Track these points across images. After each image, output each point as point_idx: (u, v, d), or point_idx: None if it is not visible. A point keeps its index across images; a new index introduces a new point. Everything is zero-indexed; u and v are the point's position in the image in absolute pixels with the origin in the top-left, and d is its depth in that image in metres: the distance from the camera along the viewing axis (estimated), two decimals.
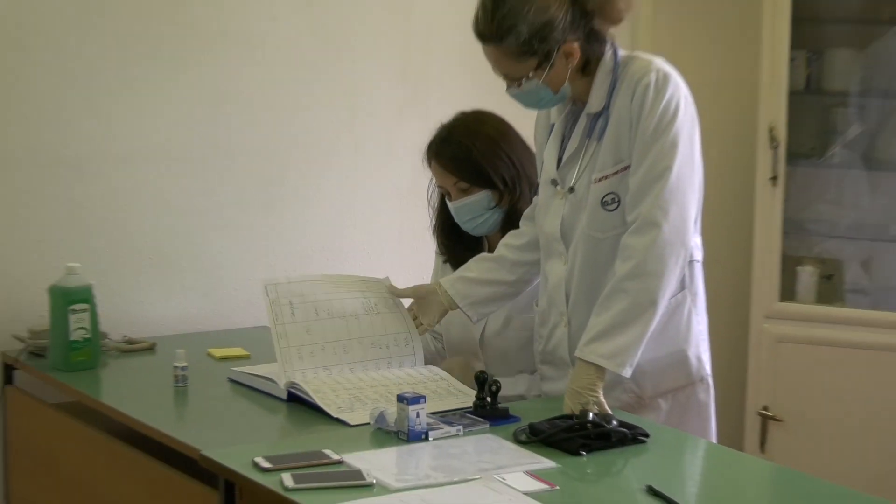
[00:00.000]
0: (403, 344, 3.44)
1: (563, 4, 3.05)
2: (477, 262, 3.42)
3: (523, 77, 3.08)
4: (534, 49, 3.04)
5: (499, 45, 3.06)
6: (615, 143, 3.12)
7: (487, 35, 3.07)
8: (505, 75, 3.12)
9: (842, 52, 5.01)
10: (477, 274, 3.39)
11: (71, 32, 3.93)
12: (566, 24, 3.05)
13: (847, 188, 5.07)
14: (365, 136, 4.41)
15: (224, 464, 2.78)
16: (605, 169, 3.13)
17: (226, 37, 4.15)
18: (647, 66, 3.11)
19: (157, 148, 4.09)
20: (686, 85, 3.14)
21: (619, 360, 3.03)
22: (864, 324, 4.84)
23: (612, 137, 3.12)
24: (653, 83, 3.08)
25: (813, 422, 4.87)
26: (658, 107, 3.06)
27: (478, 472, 2.70)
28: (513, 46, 3.04)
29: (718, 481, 2.90)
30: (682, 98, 3.09)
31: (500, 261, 3.40)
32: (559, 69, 3.08)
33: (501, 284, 3.39)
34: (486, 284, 3.38)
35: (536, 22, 3.02)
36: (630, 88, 3.10)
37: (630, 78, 3.11)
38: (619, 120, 3.11)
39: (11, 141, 3.89)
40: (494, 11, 3.04)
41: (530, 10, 3.02)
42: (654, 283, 3.04)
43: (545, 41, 3.04)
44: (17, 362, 3.78)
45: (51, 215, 3.96)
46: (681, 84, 3.12)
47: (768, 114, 4.84)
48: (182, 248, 4.15)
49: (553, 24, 3.03)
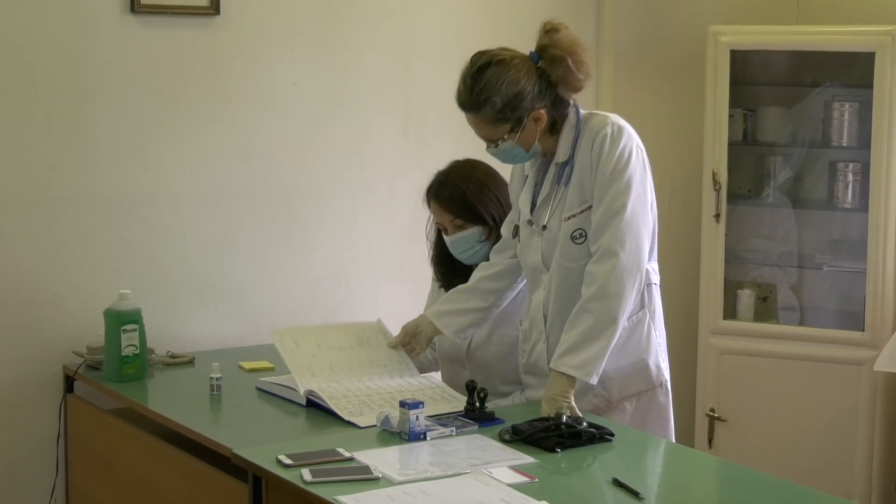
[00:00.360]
0: (398, 363, 3.43)
1: (531, 77, 3.06)
2: (455, 293, 3.41)
3: (499, 139, 3.10)
4: (507, 117, 3.05)
5: (477, 113, 3.08)
6: (580, 187, 3.12)
7: (467, 105, 3.09)
8: (484, 138, 3.14)
9: (773, 109, 5.01)
10: (457, 305, 3.38)
11: (126, 93, 3.91)
12: (534, 94, 3.06)
13: (779, 223, 5.06)
14: (372, 180, 4.39)
15: (252, 461, 2.77)
16: (572, 209, 3.13)
17: (254, 98, 4.14)
18: (605, 121, 3.12)
19: (195, 190, 4.07)
20: (638, 136, 3.15)
21: (586, 370, 3.02)
22: (794, 338, 4.82)
23: (577, 182, 3.13)
24: (609, 135, 3.09)
25: (752, 422, 4.84)
26: (614, 154, 3.07)
27: (468, 467, 2.68)
28: (489, 115, 3.06)
29: (673, 474, 2.89)
30: (634, 147, 3.10)
31: (474, 291, 3.38)
32: (530, 132, 3.09)
33: (477, 311, 3.38)
34: (464, 313, 3.37)
35: (509, 93, 3.03)
36: (590, 140, 3.11)
37: (590, 131, 3.12)
38: (582, 167, 3.12)
39: (73, 184, 3.87)
40: (473, 85, 3.06)
41: (503, 84, 3.03)
42: (615, 303, 3.04)
43: (516, 109, 3.05)
44: (77, 374, 3.75)
45: (105, 249, 3.93)
46: (633, 135, 3.13)
47: (712, 161, 4.83)
48: (216, 276, 4.12)
49: (523, 95, 3.04)
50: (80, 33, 3.83)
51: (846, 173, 4.86)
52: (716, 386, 4.87)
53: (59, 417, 3.86)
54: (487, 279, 3.37)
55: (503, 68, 3.04)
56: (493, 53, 3.08)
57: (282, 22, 4.16)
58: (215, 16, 4.03)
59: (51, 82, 3.81)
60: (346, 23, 4.29)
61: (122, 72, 3.90)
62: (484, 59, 3.07)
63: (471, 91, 3.06)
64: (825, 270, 4.97)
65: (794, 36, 4.87)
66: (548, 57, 3.07)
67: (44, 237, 3.84)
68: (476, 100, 3.05)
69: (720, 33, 4.78)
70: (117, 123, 3.91)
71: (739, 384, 4.85)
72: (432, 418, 2.98)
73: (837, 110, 4.86)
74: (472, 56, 3.11)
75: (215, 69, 4.06)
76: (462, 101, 3.10)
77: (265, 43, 4.14)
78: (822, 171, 4.96)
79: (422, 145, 4.44)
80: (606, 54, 4.88)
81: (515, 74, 3.04)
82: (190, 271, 4.08)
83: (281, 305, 4.24)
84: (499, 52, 3.09)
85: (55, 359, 3.86)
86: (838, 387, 4.70)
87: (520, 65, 3.06)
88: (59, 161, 3.84)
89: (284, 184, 4.23)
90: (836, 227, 5.02)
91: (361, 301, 4.37)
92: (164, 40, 3.96)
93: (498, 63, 3.05)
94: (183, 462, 3.19)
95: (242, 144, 4.14)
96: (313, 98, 4.25)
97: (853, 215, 4.87)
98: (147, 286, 3.97)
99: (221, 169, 4.11)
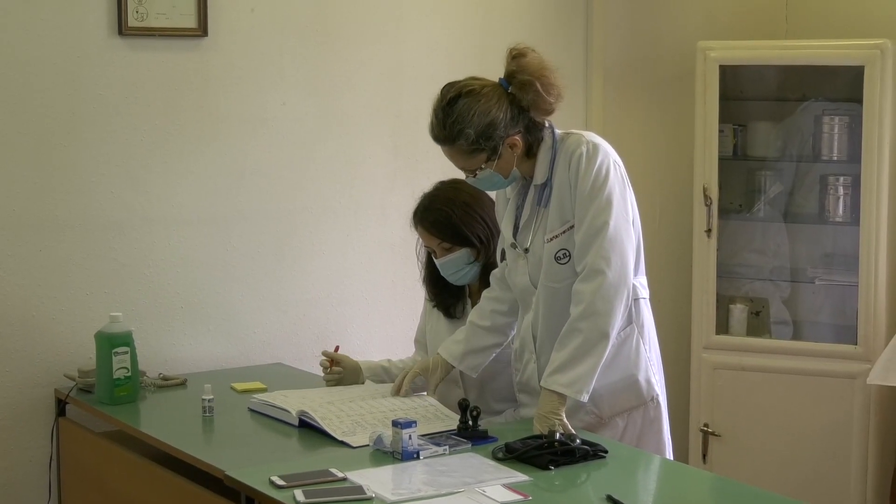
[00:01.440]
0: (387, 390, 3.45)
1: (502, 105, 3.07)
2: (472, 330, 3.37)
3: (477, 169, 3.11)
4: (482, 147, 3.06)
5: (452, 146, 3.09)
6: (560, 207, 3.13)
7: (441, 138, 3.11)
8: (462, 168, 3.15)
9: (762, 124, 5.02)
10: (476, 344, 3.36)
11: (115, 115, 3.92)
12: (507, 121, 3.07)
13: (770, 238, 5.07)
14: (362, 201, 4.39)
15: (245, 482, 2.77)
16: (554, 230, 3.14)
17: (243, 119, 4.15)
18: (580, 140, 3.13)
19: (186, 213, 4.07)
20: (615, 152, 3.15)
21: (576, 387, 3.03)
22: (787, 352, 4.83)
23: (557, 203, 3.14)
24: (584, 153, 3.09)
25: (746, 436, 4.85)
26: (591, 172, 3.08)
27: (462, 485, 2.68)
28: (464, 147, 3.07)
29: (668, 490, 2.89)
30: (611, 163, 3.11)
31: (494, 329, 3.36)
32: (507, 158, 3.10)
33: (496, 347, 3.38)
34: (484, 351, 3.37)
35: (481, 124, 3.04)
36: (566, 160, 3.12)
37: (566, 151, 3.13)
38: (560, 187, 3.13)
39: (63, 207, 3.87)
40: (445, 119, 3.07)
41: (475, 115, 3.04)
42: (604, 320, 3.04)
43: (490, 139, 3.06)
44: (69, 397, 3.75)
45: (96, 272, 3.93)
46: (609, 151, 3.14)
47: (702, 176, 4.84)
48: (208, 297, 4.12)
49: (495, 124, 3.05)
50: (67, 56, 3.83)
51: (837, 187, 4.87)
52: (709, 401, 4.88)
53: (52, 441, 3.85)
54: (502, 315, 3.36)
55: (473, 99, 3.05)
56: (463, 84, 3.09)
57: (270, 43, 4.17)
58: (203, 38, 4.04)
59: (40, 106, 3.81)
60: (336, 43, 4.30)
61: (110, 94, 3.91)
62: (454, 91, 3.07)
63: (443, 125, 3.07)
64: (817, 284, 4.98)
65: (783, 50, 4.89)
66: (516, 83, 3.07)
67: (35, 260, 3.84)
68: (449, 133, 3.06)
69: (709, 49, 4.80)
70: (106, 146, 3.92)
71: (733, 399, 4.85)
72: (425, 437, 2.98)
73: (827, 124, 4.87)
74: (442, 88, 3.11)
75: (204, 91, 4.07)
76: (436, 135, 3.11)
77: (254, 64, 4.15)
78: (813, 185, 4.98)
79: (412, 165, 4.44)
80: (595, 71, 4.89)
81: (486, 104, 3.05)
82: (181, 293, 4.08)
83: (273, 327, 4.24)
84: (468, 82, 3.10)
85: (47, 382, 3.85)
86: (832, 400, 4.71)
87: (490, 93, 3.06)
88: (50, 184, 3.84)
89: (275, 205, 4.23)
90: (827, 241, 5.02)
91: (353, 322, 4.37)
92: (152, 63, 3.97)
93: (468, 94, 3.06)
94: (175, 484, 3.18)
95: (232, 166, 4.14)
96: (303, 119, 4.26)
97: (844, 229, 4.88)
98: (138, 309, 3.97)
99: (212, 190, 4.11)
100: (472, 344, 3.36)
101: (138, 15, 3.91)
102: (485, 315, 3.37)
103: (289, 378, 3.85)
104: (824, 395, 4.72)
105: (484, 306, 3.38)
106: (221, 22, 4.07)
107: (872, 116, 4.59)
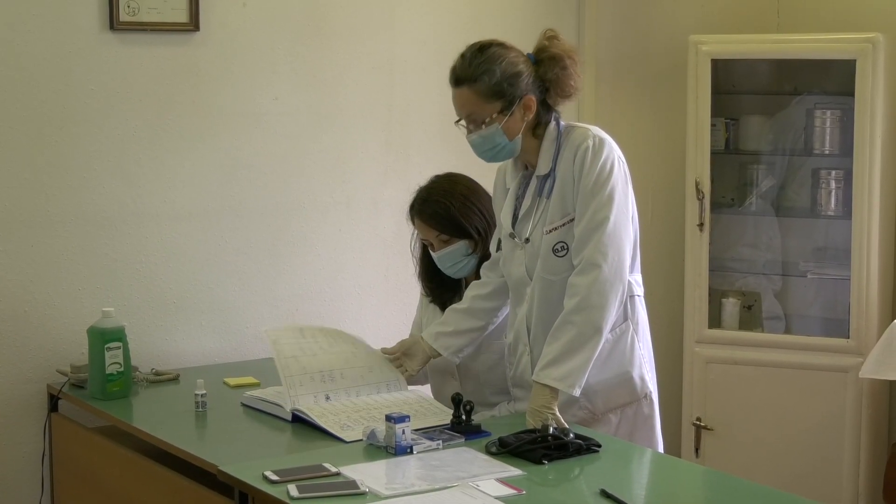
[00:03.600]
0: (387, 369, 3.43)
1: (528, 68, 3.11)
2: (451, 314, 3.41)
3: (486, 118, 3.09)
4: (503, 91, 3.07)
5: (472, 85, 3.08)
6: (561, 200, 3.13)
7: (463, 77, 3.10)
8: (468, 116, 3.12)
9: (754, 118, 5.03)
10: (454, 327, 3.38)
11: (105, 114, 3.91)
12: (530, 82, 3.09)
13: (762, 232, 5.08)
14: (354, 195, 4.39)
15: (238, 477, 2.76)
16: (554, 222, 3.14)
17: (235, 114, 4.14)
18: (586, 133, 3.14)
19: (178, 208, 4.07)
20: (619, 148, 3.16)
21: (569, 381, 3.03)
22: (779, 346, 4.83)
23: (559, 195, 3.13)
24: (591, 147, 3.09)
25: (739, 430, 4.85)
26: (595, 167, 3.08)
27: (455, 480, 2.69)
28: (484, 86, 3.07)
29: (661, 484, 2.89)
30: (615, 159, 3.11)
31: (471, 312, 3.39)
32: (517, 119, 3.10)
33: (474, 331, 3.40)
34: (461, 334, 3.38)
35: (508, 70, 3.08)
36: (572, 152, 3.12)
37: (571, 143, 3.13)
38: (563, 179, 3.13)
39: (55, 205, 3.86)
40: (472, 59, 3.09)
41: (504, 62, 3.08)
42: (598, 314, 3.05)
43: (512, 86, 3.07)
44: (62, 393, 3.74)
45: (88, 267, 3.93)
46: (614, 147, 3.14)
47: (695, 170, 4.85)
48: (200, 292, 4.12)
49: (521, 76, 3.09)
50: (59, 52, 3.83)
51: (829, 181, 4.88)
52: (702, 395, 4.88)
53: (44, 436, 3.85)
54: (482, 299, 3.38)
55: (505, 50, 3.10)
56: (495, 39, 3.14)
57: (262, 37, 4.17)
58: (195, 32, 4.03)
59: (31, 101, 3.81)
60: (328, 38, 4.30)
61: (102, 90, 3.91)
62: (487, 41, 3.12)
63: (469, 63, 3.08)
64: (809, 278, 4.99)
65: (775, 44, 4.89)
66: (546, 57, 3.11)
67: (27, 256, 3.84)
68: (475, 71, 3.07)
69: (701, 43, 4.80)
70: (98, 141, 3.91)
71: (725, 393, 4.86)
72: (419, 432, 2.98)
73: (819, 118, 4.88)
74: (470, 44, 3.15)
75: (196, 86, 4.07)
76: (457, 75, 3.10)
77: (246, 59, 4.15)
78: (805, 179, 4.98)
79: (404, 159, 4.45)
80: (587, 65, 4.89)
81: (516, 58, 3.10)
82: (174, 288, 4.08)
83: (265, 321, 4.23)
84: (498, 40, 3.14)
85: (39, 378, 3.85)
86: (824, 394, 4.72)
87: (520, 54, 3.12)
88: (41, 180, 3.84)
89: (267, 199, 4.23)
90: (819, 235, 5.03)
91: (346, 316, 4.37)
92: (144, 58, 3.96)
93: (500, 45, 3.11)
94: (169, 479, 3.18)
95: (225, 160, 4.14)
96: (295, 114, 4.26)
97: (836, 223, 4.89)
98: (131, 304, 3.97)
99: (204, 185, 4.11)
100: (447, 325, 3.38)
101: (130, 10, 3.91)
102: (465, 298, 3.40)
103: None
104: (816, 389, 4.73)
105: (466, 292, 3.41)
106: (213, 16, 4.06)
107: (864, 110, 4.60)
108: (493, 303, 3.38)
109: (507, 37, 3.24)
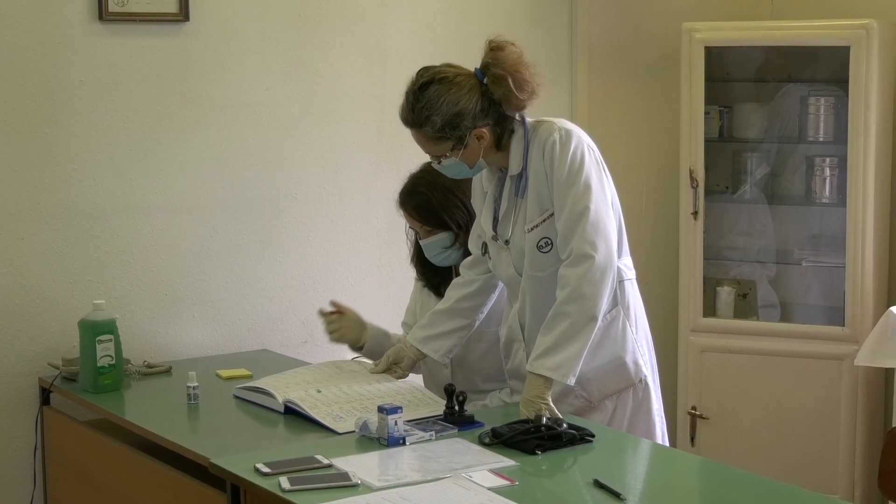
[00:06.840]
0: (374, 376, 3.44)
1: (473, 95, 3.08)
2: (436, 315, 3.40)
3: (442, 156, 3.12)
4: (447, 135, 3.08)
5: (418, 130, 3.11)
6: (537, 197, 3.14)
7: (409, 122, 3.12)
8: (428, 153, 3.17)
9: (748, 106, 5.02)
10: (440, 328, 3.38)
11: (95, 106, 3.90)
12: (476, 112, 3.08)
13: (757, 220, 5.08)
14: (347, 186, 4.38)
15: (230, 470, 2.76)
16: (533, 219, 3.15)
17: (226, 105, 4.13)
18: (552, 127, 3.13)
19: (170, 200, 4.05)
20: (588, 137, 3.16)
21: (562, 371, 3.03)
22: (774, 334, 4.83)
23: (534, 192, 3.14)
24: (558, 140, 3.10)
25: (734, 419, 4.85)
26: (566, 159, 3.08)
27: (448, 471, 2.68)
28: (430, 133, 3.08)
29: (655, 474, 2.89)
30: (585, 148, 3.11)
31: (455, 311, 3.38)
32: (473, 149, 3.11)
33: (461, 330, 3.39)
34: (449, 335, 3.38)
35: (449, 113, 3.05)
36: (540, 148, 3.12)
37: (539, 139, 3.13)
38: (536, 177, 3.13)
39: (46, 197, 3.85)
40: (415, 103, 3.08)
41: (444, 103, 3.05)
42: (591, 303, 3.05)
43: (457, 128, 3.06)
44: (53, 386, 3.73)
45: (79, 259, 3.92)
46: (583, 136, 3.14)
47: (688, 158, 4.84)
48: (192, 285, 4.11)
49: (463, 114, 3.06)
50: (47, 42, 3.81)
51: (823, 168, 4.87)
52: (697, 384, 4.88)
53: (36, 430, 3.84)
54: (465, 298, 3.38)
55: (445, 86, 3.06)
56: (437, 70, 3.10)
57: (252, 27, 4.15)
58: (185, 22, 4.01)
59: (19, 92, 3.79)
60: (319, 28, 4.28)
61: (91, 81, 3.89)
62: (427, 76, 3.09)
63: (412, 108, 3.08)
64: (804, 266, 4.98)
65: (769, 31, 4.88)
66: (490, 76, 3.08)
67: (16, 249, 3.82)
68: (417, 117, 3.08)
69: (694, 30, 4.79)
70: (88, 133, 3.90)
71: (720, 382, 4.85)
72: (411, 423, 2.97)
73: (813, 105, 4.87)
74: (418, 72, 3.12)
75: (186, 76, 4.05)
76: (404, 118, 3.13)
77: (236, 49, 4.13)
78: (799, 167, 4.98)
79: (396, 149, 4.43)
80: (580, 54, 4.88)
81: (457, 93, 3.06)
82: (165, 281, 4.07)
83: (258, 313, 4.23)
84: (443, 69, 3.11)
85: (31, 371, 3.84)
86: (819, 382, 4.71)
87: (463, 83, 3.08)
88: (30, 172, 3.82)
89: (259, 191, 4.22)
90: (814, 223, 5.03)
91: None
92: (133, 48, 3.94)
93: (440, 81, 3.07)
94: (160, 472, 3.18)
95: (216, 152, 4.13)
96: (287, 104, 4.24)
97: (831, 210, 4.89)
98: (122, 296, 3.96)
99: (196, 177, 4.10)
100: (434, 328, 3.38)
101: (119, 0, 3.89)
102: (448, 298, 3.40)
103: (274, 364, 3.83)
104: (812, 377, 4.72)
105: (448, 292, 3.41)
106: (203, 6, 4.04)
107: (858, 97, 4.59)
108: (476, 301, 3.38)
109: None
